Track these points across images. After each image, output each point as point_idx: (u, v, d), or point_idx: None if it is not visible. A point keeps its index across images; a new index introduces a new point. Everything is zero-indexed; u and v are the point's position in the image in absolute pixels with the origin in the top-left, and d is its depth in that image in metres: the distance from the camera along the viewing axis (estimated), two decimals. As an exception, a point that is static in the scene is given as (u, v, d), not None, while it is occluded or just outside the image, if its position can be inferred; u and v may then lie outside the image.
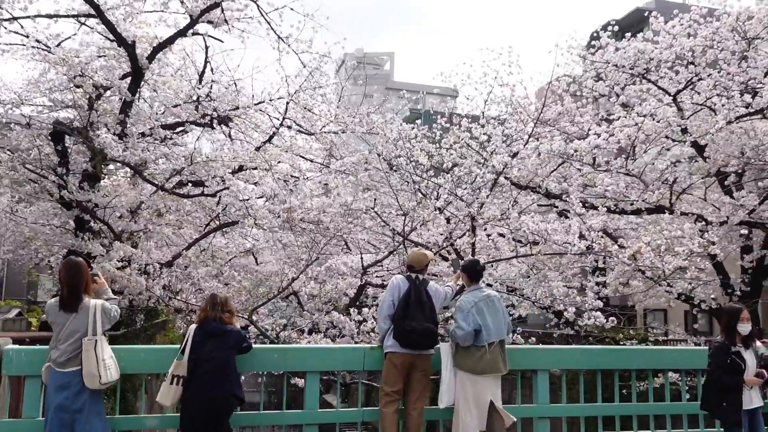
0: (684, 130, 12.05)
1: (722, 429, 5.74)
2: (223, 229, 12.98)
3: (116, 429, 4.85)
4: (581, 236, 8.75)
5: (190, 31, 11.79)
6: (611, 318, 8.85)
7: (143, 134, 11.51)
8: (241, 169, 12.22)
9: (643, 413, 5.95)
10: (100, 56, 12.67)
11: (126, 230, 10.78)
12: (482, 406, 5.20)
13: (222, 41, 12.90)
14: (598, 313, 8.66)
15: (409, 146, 9.25)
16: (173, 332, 14.21)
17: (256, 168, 12.45)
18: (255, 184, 11.45)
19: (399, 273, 10.20)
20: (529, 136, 10.00)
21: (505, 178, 9.10)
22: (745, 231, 10.95)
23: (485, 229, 9.73)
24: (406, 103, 17.67)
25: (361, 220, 11.30)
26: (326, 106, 15.49)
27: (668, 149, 14.01)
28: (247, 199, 10.55)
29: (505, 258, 9.44)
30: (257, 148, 14.43)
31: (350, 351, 5.51)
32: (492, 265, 13.35)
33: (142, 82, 13.29)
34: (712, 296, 14.42)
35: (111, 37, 11.49)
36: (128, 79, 11.93)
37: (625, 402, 5.94)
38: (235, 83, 15.24)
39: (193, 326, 4.73)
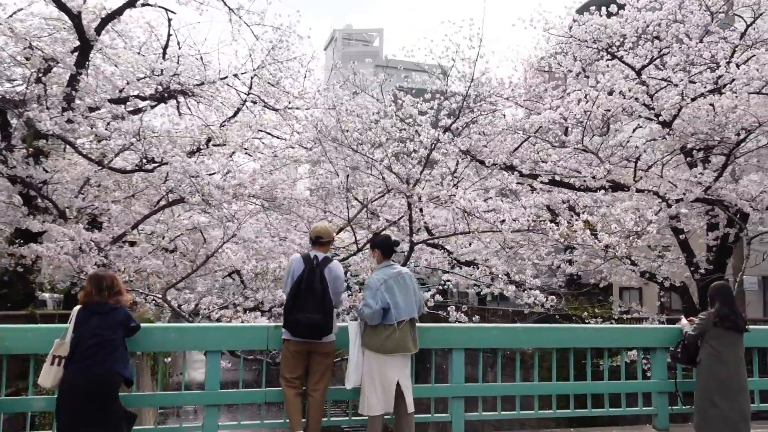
0: (649, 107, 11.87)
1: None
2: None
3: (2, 411, 4.70)
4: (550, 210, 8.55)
5: (140, 1, 11.47)
6: (551, 297, 8.73)
7: (91, 108, 11.24)
8: (207, 142, 11.94)
9: (563, 393, 5.84)
10: (53, 30, 12.37)
11: (71, 207, 10.55)
12: (389, 386, 5.05)
13: (174, 12, 12.61)
14: (537, 291, 8.53)
15: (350, 120, 9.01)
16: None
17: (209, 144, 12.23)
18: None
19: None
20: (459, 111, 9.75)
21: (441, 154, 8.86)
22: (686, 208, 10.78)
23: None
24: (393, 80, 17.36)
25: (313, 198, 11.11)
26: (291, 81, 15.25)
27: (641, 126, 13.86)
28: (196, 176, 10.32)
29: (444, 235, 9.26)
30: (222, 124, 14.20)
31: (252, 330, 5.33)
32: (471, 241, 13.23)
33: (98, 55, 12.99)
34: (686, 274, 14.36)
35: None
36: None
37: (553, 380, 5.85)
38: (201, 58, 14.97)
39: (78, 307, 4.55)
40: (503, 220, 7.75)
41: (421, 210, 10.21)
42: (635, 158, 12.54)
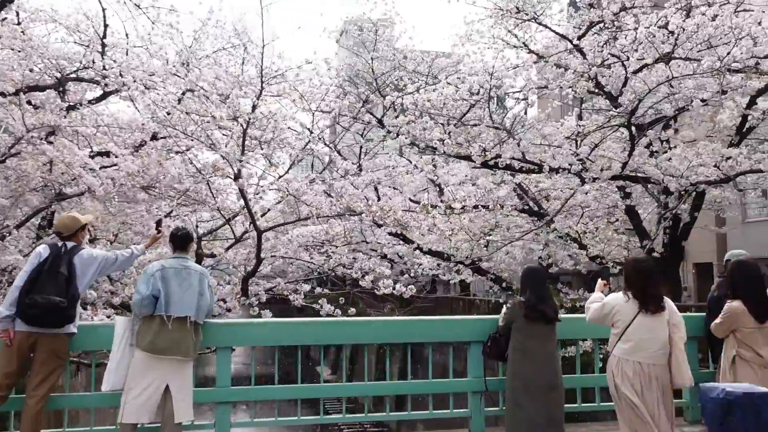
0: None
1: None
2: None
3: None
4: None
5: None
6: (410, 286, 8.08)
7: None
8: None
9: (360, 395, 5.18)
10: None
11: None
12: (154, 394, 4.54)
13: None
14: (390, 281, 7.93)
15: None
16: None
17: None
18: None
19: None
20: (364, 102, 9.31)
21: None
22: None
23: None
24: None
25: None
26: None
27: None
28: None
29: (284, 223, 8.57)
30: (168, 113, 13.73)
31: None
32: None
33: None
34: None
35: None
36: None
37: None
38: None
39: None
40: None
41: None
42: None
